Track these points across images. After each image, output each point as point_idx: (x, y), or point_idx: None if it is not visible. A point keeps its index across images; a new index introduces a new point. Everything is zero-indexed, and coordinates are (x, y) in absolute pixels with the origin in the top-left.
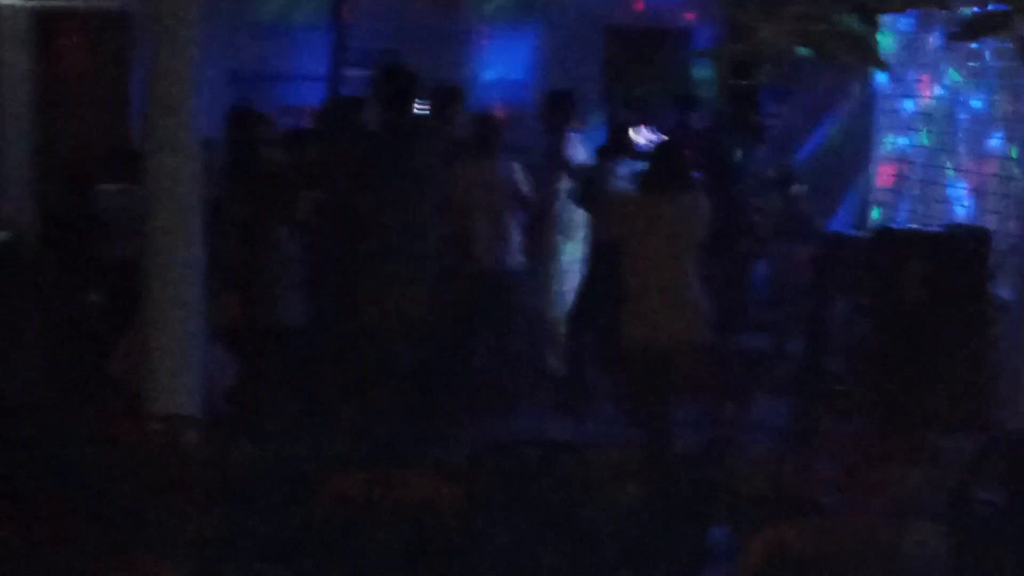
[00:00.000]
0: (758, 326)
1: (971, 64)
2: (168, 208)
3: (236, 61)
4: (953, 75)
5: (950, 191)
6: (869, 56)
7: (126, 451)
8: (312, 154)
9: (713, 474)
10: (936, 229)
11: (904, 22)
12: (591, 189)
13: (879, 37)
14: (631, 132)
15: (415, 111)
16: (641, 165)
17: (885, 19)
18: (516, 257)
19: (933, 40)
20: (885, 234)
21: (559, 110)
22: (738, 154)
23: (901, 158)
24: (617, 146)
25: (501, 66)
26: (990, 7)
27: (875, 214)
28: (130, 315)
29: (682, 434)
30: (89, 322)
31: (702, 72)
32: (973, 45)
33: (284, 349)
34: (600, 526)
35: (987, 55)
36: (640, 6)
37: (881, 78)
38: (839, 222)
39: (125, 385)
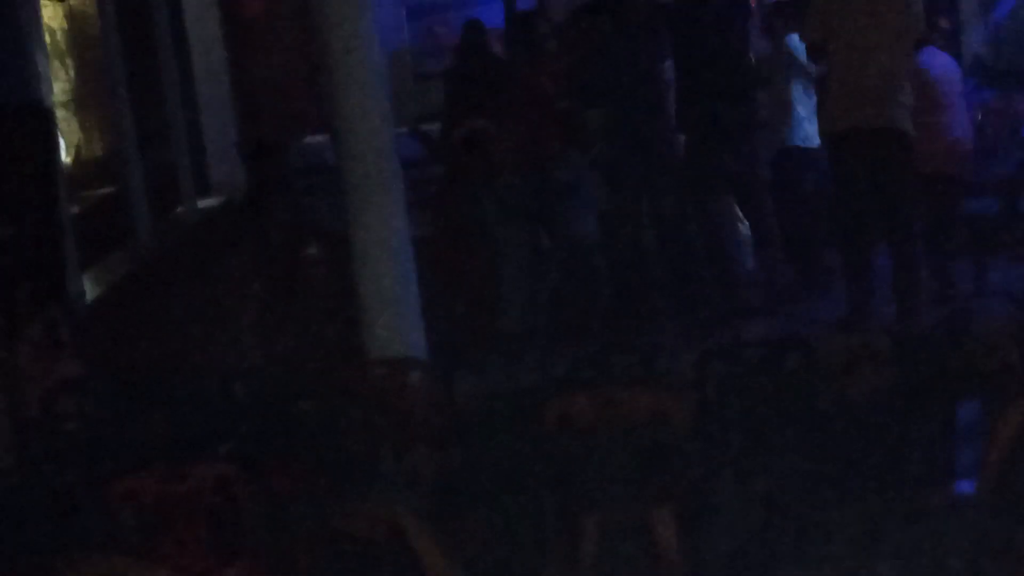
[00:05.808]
0: (985, 188)
1: None
2: (356, 139)
3: None
4: None
5: None
6: None
7: (353, 400)
8: None
9: (952, 350)
10: None
11: None
12: None
13: None
14: None
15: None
16: None
17: None
18: None
19: None
20: None
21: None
22: None
23: None
24: None
25: None
26: None
27: None
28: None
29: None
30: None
31: None
32: None
33: None
34: (837, 418)
35: None
36: None
37: None
38: None
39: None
